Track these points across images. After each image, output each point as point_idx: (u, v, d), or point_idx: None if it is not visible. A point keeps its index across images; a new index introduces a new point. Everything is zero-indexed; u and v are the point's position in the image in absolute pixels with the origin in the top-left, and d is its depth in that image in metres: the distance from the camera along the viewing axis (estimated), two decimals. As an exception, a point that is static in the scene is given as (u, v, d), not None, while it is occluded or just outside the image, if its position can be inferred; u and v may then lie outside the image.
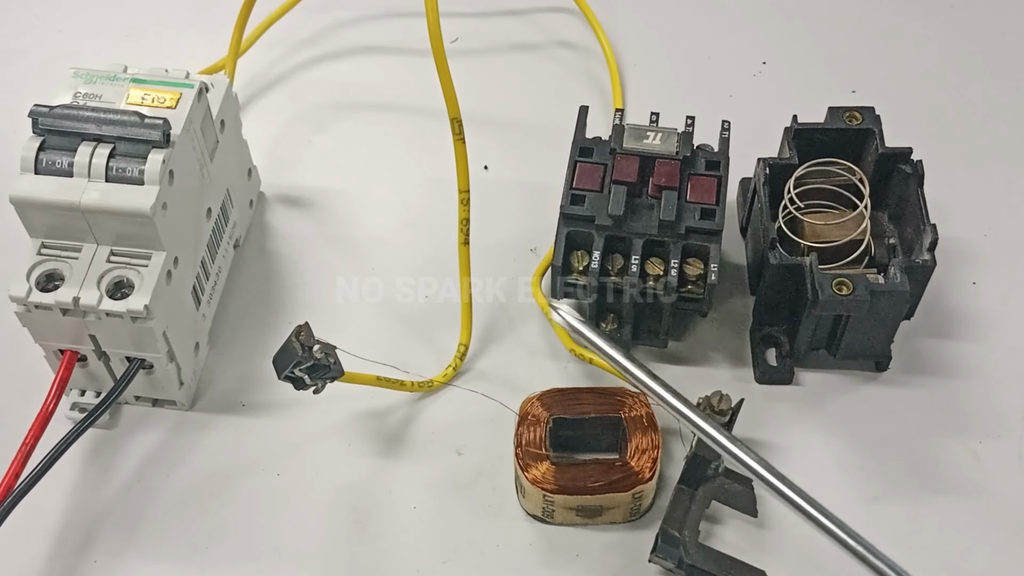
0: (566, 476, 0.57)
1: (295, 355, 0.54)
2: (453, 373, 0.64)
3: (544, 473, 0.57)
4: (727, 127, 0.64)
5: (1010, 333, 0.65)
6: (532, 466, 0.57)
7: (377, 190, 0.72)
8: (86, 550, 0.59)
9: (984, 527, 0.59)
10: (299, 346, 0.54)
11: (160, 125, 0.56)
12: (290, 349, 0.54)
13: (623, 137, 0.63)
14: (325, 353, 0.55)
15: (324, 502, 0.60)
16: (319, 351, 0.55)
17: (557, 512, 0.58)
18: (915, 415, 0.63)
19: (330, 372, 0.56)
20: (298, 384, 0.56)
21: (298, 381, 0.55)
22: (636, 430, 0.58)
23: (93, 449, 0.62)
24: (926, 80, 0.77)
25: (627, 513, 0.58)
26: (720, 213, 0.61)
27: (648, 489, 0.58)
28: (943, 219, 0.63)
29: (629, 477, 0.57)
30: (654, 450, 0.58)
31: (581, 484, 0.57)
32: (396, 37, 0.80)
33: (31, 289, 0.57)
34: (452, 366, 0.64)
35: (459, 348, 0.64)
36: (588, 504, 0.57)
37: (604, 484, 0.57)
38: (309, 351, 0.54)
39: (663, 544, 0.56)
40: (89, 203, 0.56)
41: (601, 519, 0.58)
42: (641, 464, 0.57)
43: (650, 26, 0.80)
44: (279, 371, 0.55)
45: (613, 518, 0.59)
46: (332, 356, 0.55)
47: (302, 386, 0.56)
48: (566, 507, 0.58)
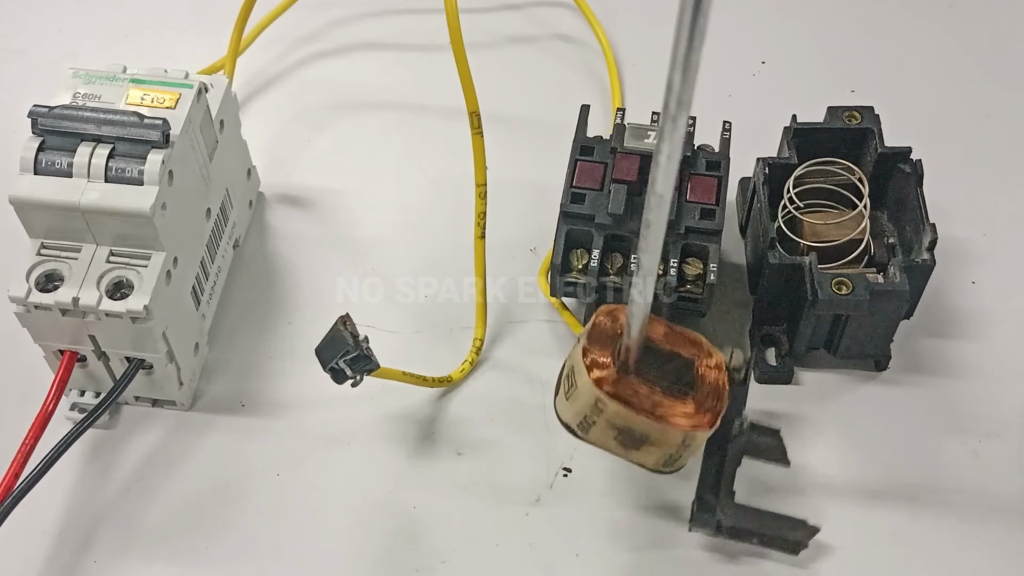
0: (630, 388, 0.52)
1: (345, 344, 0.52)
2: (470, 368, 0.64)
3: (607, 376, 0.51)
4: (728, 127, 0.64)
5: (1009, 332, 0.65)
6: (598, 364, 0.52)
7: (377, 190, 0.72)
8: (86, 550, 0.59)
9: (984, 527, 0.59)
10: (349, 335, 0.52)
11: (159, 125, 0.56)
12: (339, 338, 0.52)
13: (624, 136, 0.63)
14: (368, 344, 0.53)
15: (323, 502, 0.60)
16: (364, 340, 0.53)
17: (597, 427, 0.53)
18: (915, 414, 0.63)
19: (370, 364, 0.54)
20: (339, 377, 0.54)
21: (340, 373, 0.54)
22: (708, 381, 0.53)
23: (93, 449, 0.62)
24: (925, 79, 0.77)
25: (664, 459, 0.53)
26: (720, 213, 0.61)
27: (700, 439, 0.53)
28: (942, 218, 0.63)
29: (690, 417, 0.52)
30: (721, 405, 0.53)
31: (640, 403, 0.51)
32: (395, 35, 0.80)
33: (31, 289, 0.57)
34: (469, 360, 0.64)
35: (474, 343, 0.65)
36: (636, 428, 0.52)
37: (665, 413, 0.52)
38: (357, 341, 0.53)
39: (699, 513, 0.55)
40: (88, 203, 0.56)
41: (636, 454, 0.53)
42: (707, 411, 0.52)
43: (649, 25, 0.80)
44: (325, 362, 0.53)
45: (647, 459, 0.53)
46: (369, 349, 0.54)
47: (343, 379, 0.54)
48: (610, 423, 0.52)
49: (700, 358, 0.54)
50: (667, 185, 0.44)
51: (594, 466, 0.61)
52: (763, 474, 0.59)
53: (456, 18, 0.53)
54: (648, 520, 0.59)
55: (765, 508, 0.57)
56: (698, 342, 0.55)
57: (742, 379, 0.55)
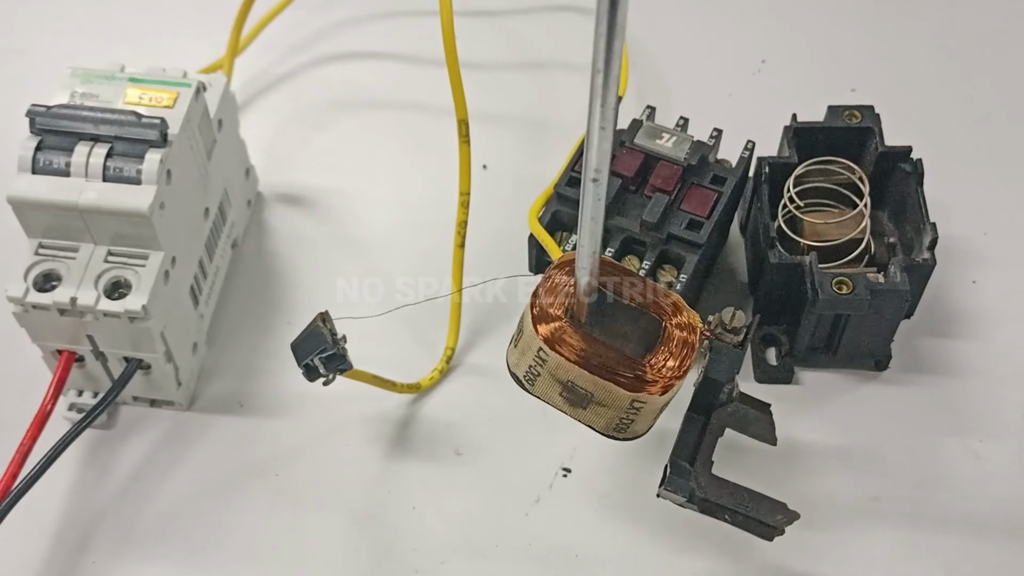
0: (575, 341, 0.49)
1: (322, 341, 0.52)
2: (439, 376, 0.64)
3: (555, 329, 0.49)
4: (750, 147, 0.63)
5: (1010, 332, 0.65)
6: (547, 314, 0.50)
7: (376, 189, 0.72)
8: (84, 551, 0.59)
9: (984, 527, 0.59)
10: (327, 332, 0.52)
11: (158, 125, 0.56)
12: (318, 335, 0.52)
13: (637, 132, 0.63)
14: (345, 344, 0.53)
15: (323, 502, 0.60)
16: (342, 340, 0.53)
17: (542, 379, 0.50)
18: (915, 414, 0.62)
19: (344, 364, 0.54)
20: (312, 374, 0.53)
21: (314, 371, 0.53)
22: (671, 343, 0.50)
23: (91, 449, 0.62)
24: (926, 78, 0.77)
25: (614, 422, 0.50)
26: (708, 228, 0.60)
27: (651, 406, 0.50)
28: (943, 218, 0.63)
29: (640, 380, 0.49)
30: (680, 372, 0.50)
31: (585, 358, 0.49)
32: (394, 36, 0.80)
33: (28, 289, 0.57)
34: (439, 369, 0.64)
35: (446, 352, 0.64)
36: (579, 385, 0.49)
37: (609, 371, 0.49)
38: (335, 339, 0.53)
39: (672, 475, 0.51)
40: (87, 203, 0.56)
41: (584, 413, 0.50)
42: (659, 375, 0.49)
43: (649, 24, 0.80)
44: (300, 357, 0.53)
45: (596, 420, 0.50)
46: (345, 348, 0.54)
47: (316, 376, 0.54)
48: (554, 377, 0.50)
49: (668, 318, 0.51)
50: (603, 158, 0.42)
51: (594, 466, 0.61)
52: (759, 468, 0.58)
53: (451, 28, 0.53)
54: (648, 520, 0.59)
55: None
56: (673, 302, 0.51)
57: (739, 342, 0.52)
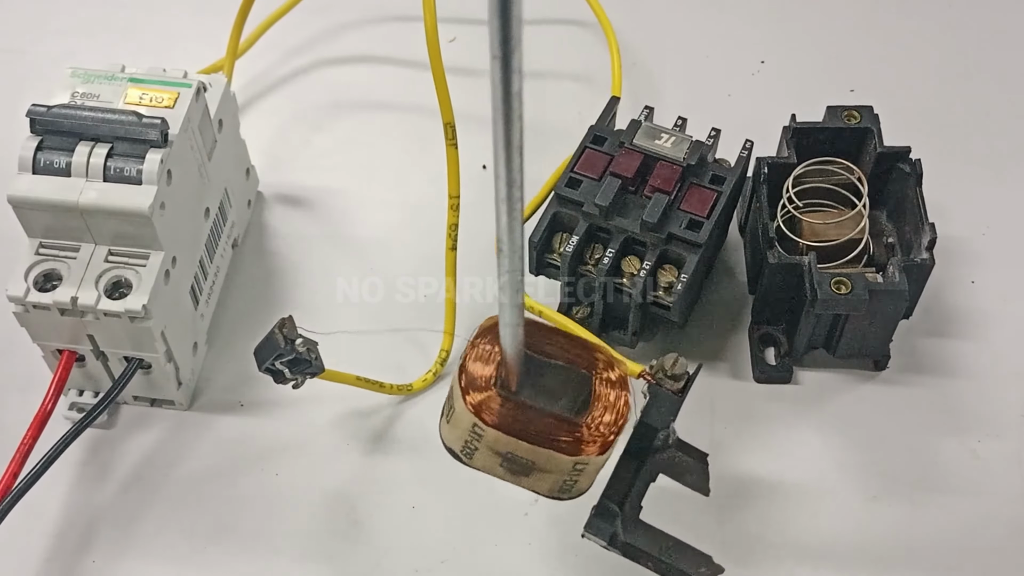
0: (508, 411, 0.48)
1: (277, 347, 0.53)
2: (433, 378, 0.64)
3: (485, 400, 0.48)
4: (749, 146, 0.63)
5: (1009, 332, 0.65)
6: (475, 386, 0.48)
7: (376, 190, 0.72)
8: (84, 550, 0.59)
9: (984, 526, 0.59)
10: (282, 338, 0.53)
11: (158, 125, 0.56)
12: (272, 341, 0.53)
13: (636, 132, 0.63)
14: (307, 348, 0.53)
15: (323, 502, 0.60)
16: (301, 345, 0.53)
17: (480, 452, 0.49)
18: (914, 414, 0.63)
19: (311, 367, 0.54)
20: (278, 377, 0.54)
21: (278, 374, 0.54)
22: (605, 398, 0.49)
23: (91, 449, 0.62)
24: (924, 79, 0.77)
25: (558, 485, 0.50)
26: (708, 227, 0.60)
27: (593, 465, 0.49)
28: (942, 218, 0.63)
29: (579, 441, 0.48)
30: (616, 427, 0.49)
31: (521, 428, 0.47)
32: (394, 38, 0.80)
33: (29, 289, 0.57)
34: (433, 371, 0.64)
35: (440, 354, 0.64)
36: (519, 455, 0.48)
37: (548, 438, 0.48)
38: (291, 344, 0.53)
39: (594, 518, 0.50)
40: (87, 203, 0.56)
41: (527, 480, 0.50)
42: (597, 433, 0.48)
43: (648, 25, 0.80)
44: (260, 362, 0.54)
45: (540, 485, 0.50)
46: (314, 352, 0.54)
47: (282, 380, 0.54)
48: (492, 449, 0.49)
49: (599, 372, 0.50)
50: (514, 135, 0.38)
51: (593, 466, 0.61)
52: (759, 470, 0.58)
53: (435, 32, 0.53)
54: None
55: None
56: (601, 354, 0.50)
57: (680, 389, 0.53)
